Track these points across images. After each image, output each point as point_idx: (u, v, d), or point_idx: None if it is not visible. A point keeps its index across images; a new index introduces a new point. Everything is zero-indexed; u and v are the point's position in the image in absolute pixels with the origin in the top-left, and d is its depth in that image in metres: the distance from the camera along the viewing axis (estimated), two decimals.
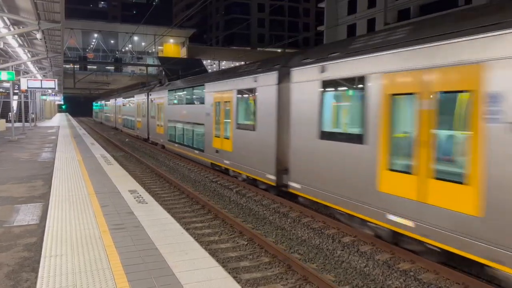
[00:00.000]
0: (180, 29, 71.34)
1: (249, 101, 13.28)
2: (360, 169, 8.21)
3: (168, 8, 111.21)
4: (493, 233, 5.73)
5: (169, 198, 12.78)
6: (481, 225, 5.88)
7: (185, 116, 20.22)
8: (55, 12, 12.65)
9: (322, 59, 9.52)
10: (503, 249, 5.60)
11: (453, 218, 6.30)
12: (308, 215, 10.45)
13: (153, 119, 27.50)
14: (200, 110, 17.69)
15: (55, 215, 7.42)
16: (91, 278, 4.76)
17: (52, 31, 16.10)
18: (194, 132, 18.72)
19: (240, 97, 13.95)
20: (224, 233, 9.34)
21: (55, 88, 26.52)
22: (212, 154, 16.32)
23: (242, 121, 13.82)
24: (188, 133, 19.73)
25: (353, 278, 6.99)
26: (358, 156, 8.29)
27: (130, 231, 6.57)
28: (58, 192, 9.32)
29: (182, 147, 20.64)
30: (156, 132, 26.69)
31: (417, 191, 6.96)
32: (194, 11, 56.33)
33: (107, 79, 66.62)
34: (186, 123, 20.09)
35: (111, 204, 8.27)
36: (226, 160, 14.97)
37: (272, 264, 7.50)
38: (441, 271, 6.98)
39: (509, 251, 5.52)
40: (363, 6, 44.37)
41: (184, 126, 20.46)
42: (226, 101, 14.97)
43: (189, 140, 19.56)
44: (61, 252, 5.58)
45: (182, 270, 5.04)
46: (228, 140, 14.71)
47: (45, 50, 20.23)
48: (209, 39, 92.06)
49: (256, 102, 12.69)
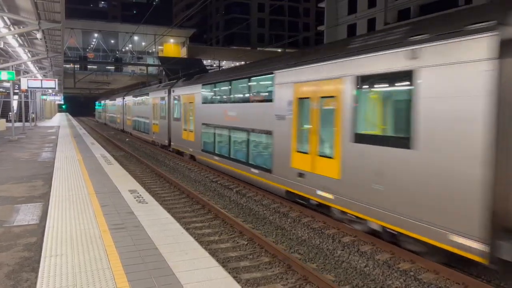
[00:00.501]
0: (180, 29, 71.32)
1: (393, 95, 7.95)
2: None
3: (168, 8, 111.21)
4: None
5: (169, 198, 12.78)
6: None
7: (233, 119, 14.63)
8: (55, 12, 12.65)
9: None
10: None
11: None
12: (308, 215, 10.45)
13: (177, 121, 21.67)
14: (264, 110, 12.32)
15: (55, 215, 7.42)
16: (91, 278, 4.76)
17: (52, 31, 16.10)
18: (251, 143, 13.36)
19: (363, 88, 8.40)
20: (224, 233, 9.34)
21: (55, 88, 26.52)
22: (289, 177, 10.95)
23: (369, 129, 8.36)
24: (240, 143, 14.35)
25: (353, 278, 6.99)
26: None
27: (130, 231, 6.57)
28: (58, 192, 9.32)
29: (227, 162, 15.04)
30: (181, 138, 20.94)
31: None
32: (194, 11, 56.33)
33: (107, 79, 66.62)
34: (235, 129, 14.56)
35: (111, 204, 8.27)
36: (322, 190, 9.56)
37: (272, 264, 7.50)
38: (441, 271, 6.98)
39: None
40: (363, 6, 44.35)
41: (231, 133, 14.92)
42: (324, 97, 9.55)
43: (241, 153, 14.11)
44: (61, 252, 5.58)
45: (182, 270, 5.04)
46: (332, 161, 9.24)
47: (45, 50, 20.23)
48: (209, 39, 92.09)
49: (414, 96, 7.13)
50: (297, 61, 10.74)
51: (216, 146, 16.21)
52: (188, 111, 19.78)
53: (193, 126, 18.81)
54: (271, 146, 11.93)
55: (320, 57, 9.73)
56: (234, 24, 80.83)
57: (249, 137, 13.42)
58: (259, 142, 12.94)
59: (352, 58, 8.59)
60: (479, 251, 6.02)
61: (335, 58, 9.14)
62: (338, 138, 9.01)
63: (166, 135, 23.98)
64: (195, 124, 18.58)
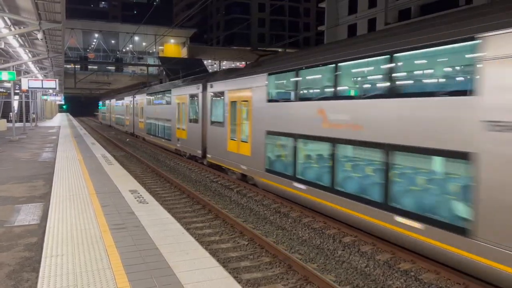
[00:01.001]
0: (181, 29, 71.36)
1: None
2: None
3: (168, 8, 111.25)
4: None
5: (169, 198, 12.79)
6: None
7: (348, 127, 8.82)
8: (56, 12, 12.66)
9: None
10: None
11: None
12: (309, 215, 10.45)
13: (217, 127, 15.93)
14: (454, 112, 6.61)
15: (55, 215, 7.42)
16: (92, 278, 4.77)
17: (53, 31, 16.12)
18: (394, 169, 7.83)
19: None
20: (224, 233, 9.34)
21: (55, 88, 26.53)
22: None
23: None
24: (363, 165, 8.98)
25: (354, 278, 6.99)
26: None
27: (131, 231, 6.57)
28: (59, 192, 9.32)
29: (329, 197, 9.41)
30: (225, 150, 15.11)
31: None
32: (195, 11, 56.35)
33: (108, 79, 66.67)
34: (349, 143, 8.88)
35: (112, 204, 8.28)
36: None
37: (272, 264, 7.50)
38: (442, 271, 6.97)
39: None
40: (364, 6, 44.34)
41: (336, 149, 9.24)
42: None
43: (368, 186, 8.56)
44: (62, 252, 5.58)
45: (183, 270, 5.05)
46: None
47: (46, 50, 20.25)
48: (209, 39, 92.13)
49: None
50: None
51: (300, 167, 10.76)
52: (238, 113, 14.13)
53: (249, 134, 13.30)
54: (470, 185, 6.27)
55: None
56: (234, 24, 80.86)
57: (389, 160, 7.77)
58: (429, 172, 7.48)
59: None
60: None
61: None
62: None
63: (198, 143, 18.05)
64: (252, 131, 13.03)
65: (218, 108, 16.13)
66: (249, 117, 13.24)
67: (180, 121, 21.20)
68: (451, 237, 6.47)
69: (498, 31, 5.83)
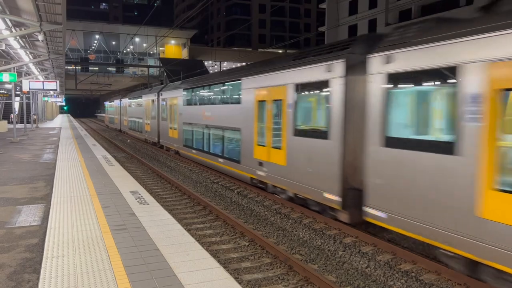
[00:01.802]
0: (182, 30, 71.53)
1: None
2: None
3: (169, 9, 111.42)
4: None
5: (170, 199, 12.79)
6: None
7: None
8: (57, 14, 12.68)
9: None
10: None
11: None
12: (309, 216, 10.45)
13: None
14: None
15: (56, 216, 7.43)
16: (93, 279, 4.77)
17: (54, 32, 16.15)
18: None
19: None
20: (225, 234, 9.35)
21: (56, 89, 26.55)
22: None
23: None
24: None
25: (355, 279, 6.99)
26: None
27: (132, 232, 6.57)
28: (60, 193, 9.33)
29: None
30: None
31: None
32: (195, 12, 56.39)
33: (109, 80, 66.80)
34: None
35: (113, 205, 8.29)
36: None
37: (273, 265, 7.50)
38: (443, 271, 6.97)
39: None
40: (364, 6, 44.36)
41: None
42: None
43: None
44: (63, 253, 5.59)
45: (184, 271, 5.05)
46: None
47: (47, 52, 20.29)
48: (210, 40, 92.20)
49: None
50: None
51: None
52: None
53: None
54: None
55: None
56: (235, 25, 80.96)
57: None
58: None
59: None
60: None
61: None
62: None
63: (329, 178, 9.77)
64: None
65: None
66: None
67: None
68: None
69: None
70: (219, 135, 16.11)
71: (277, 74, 11.54)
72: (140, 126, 32.53)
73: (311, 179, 10.01)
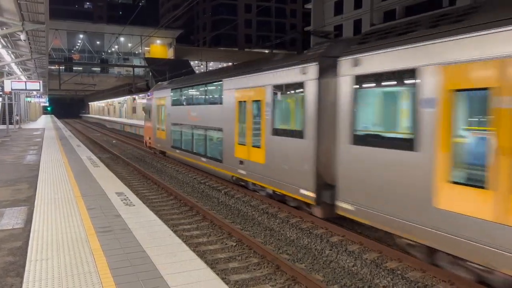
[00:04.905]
0: (167, 29, 71.05)
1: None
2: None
3: (154, 9, 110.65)
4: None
5: (156, 200, 12.70)
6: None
7: None
8: (40, 13, 12.49)
9: None
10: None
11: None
12: (297, 215, 10.48)
13: None
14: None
15: (40, 218, 7.32)
16: (78, 282, 4.71)
17: (37, 32, 15.90)
18: None
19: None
20: (212, 234, 9.32)
21: (39, 89, 26.15)
22: None
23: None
24: None
25: (342, 278, 7.04)
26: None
27: (117, 233, 6.51)
28: (44, 195, 9.19)
29: None
30: None
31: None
32: (181, 12, 56.12)
33: (93, 80, 66.05)
34: None
35: (98, 207, 8.19)
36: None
37: (261, 265, 7.51)
38: (428, 269, 7.06)
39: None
40: (350, 7, 44.70)
41: None
42: None
43: None
44: (47, 256, 5.50)
45: (170, 273, 5.02)
46: None
47: (30, 51, 19.96)
48: (196, 40, 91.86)
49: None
50: None
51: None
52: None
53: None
54: None
55: None
56: (221, 25, 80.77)
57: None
58: None
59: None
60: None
61: None
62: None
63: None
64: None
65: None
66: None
67: None
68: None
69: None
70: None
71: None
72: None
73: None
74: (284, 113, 11.03)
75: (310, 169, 9.53)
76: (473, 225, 5.91)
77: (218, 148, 14.70)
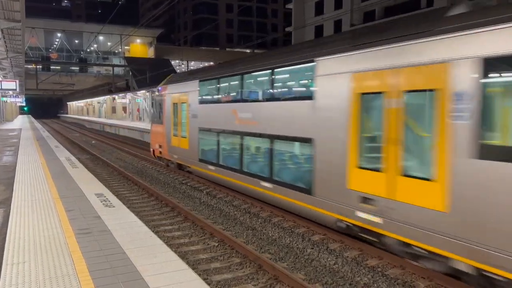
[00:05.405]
0: (147, 28, 70.28)
1: None
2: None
3: (134, 8, 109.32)
4: None
5: (137, 201, 12.56)
6: None
7: None
8: (15, 11, 12.22)
9: None
10: None
11: None
12: (279, 214, 10.51)
13: None
14: None
15: (17, 221, 7.15)
16: (56, 285, 4.62)
17: (12, 30, 15.53)
18: None
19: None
20: (194, 235, 9.27)
21: (16, 89, 25.58)
22: None
23: None
24: None
25: (323, 276, 7.09)
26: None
27: (97, 235, 6.41)
28: (21, 197, 8.98)
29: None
30: None
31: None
32: (161, 11, 55.68)
33: (72, 79, 64.92)
34: None
35: (77, 209, 8.05)
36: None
37: (243, 265, 7.50)
38: (407, 266, 7.18)
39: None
40: (330, 7, 45.11)
41: None
42: None
43: None
44: (24, 259, 5.38)
45: (151, 274, 4.97)
46: None
47: (5, 50, 19.49)
48: (177, 39, 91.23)
49: None
50: None
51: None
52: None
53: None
54: None
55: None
56: (202, 24, 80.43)
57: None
58: None
59: None
60: None
61: None
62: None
63: None
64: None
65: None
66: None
67: None
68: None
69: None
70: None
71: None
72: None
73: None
74: None
75: None
76: None
77: (301, 171, 9.67)
